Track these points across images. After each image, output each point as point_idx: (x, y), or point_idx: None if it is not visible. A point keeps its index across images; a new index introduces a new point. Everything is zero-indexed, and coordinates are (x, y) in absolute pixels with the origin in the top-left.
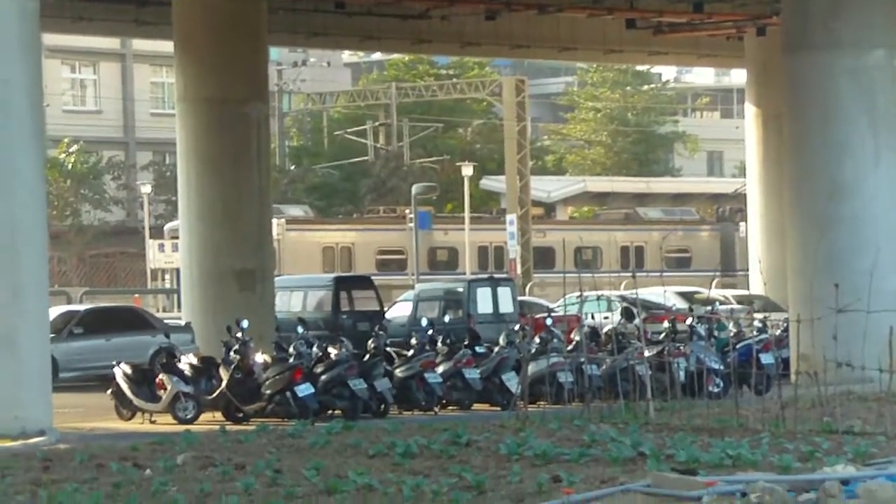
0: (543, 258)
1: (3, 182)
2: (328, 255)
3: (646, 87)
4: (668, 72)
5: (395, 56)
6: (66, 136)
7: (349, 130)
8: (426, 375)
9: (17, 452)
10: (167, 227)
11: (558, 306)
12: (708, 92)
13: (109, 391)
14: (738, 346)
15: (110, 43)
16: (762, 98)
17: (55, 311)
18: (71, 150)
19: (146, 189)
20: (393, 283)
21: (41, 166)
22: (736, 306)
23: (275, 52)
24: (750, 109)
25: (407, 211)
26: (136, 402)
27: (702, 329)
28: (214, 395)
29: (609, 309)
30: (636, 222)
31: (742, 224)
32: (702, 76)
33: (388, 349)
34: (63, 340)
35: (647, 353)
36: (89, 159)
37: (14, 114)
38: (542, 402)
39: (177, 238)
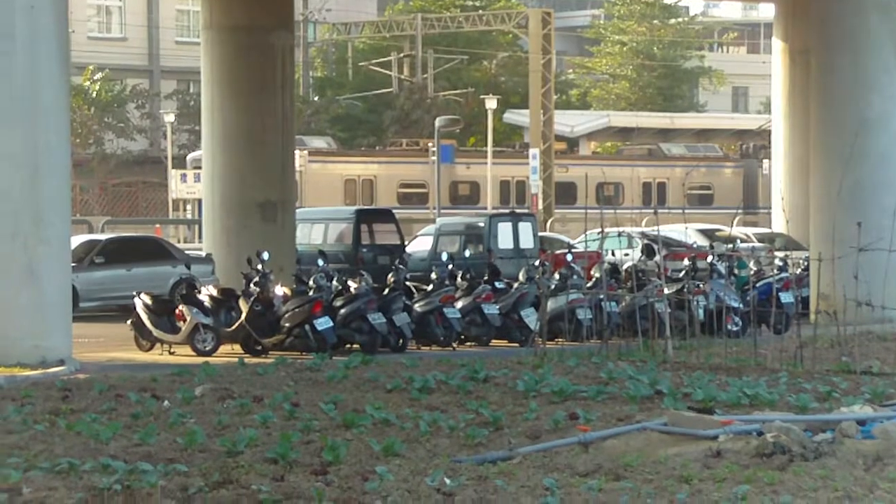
0: (565, 193)
1: (27, 108)
2: (350, 187)
3: (672, 21)
4: (695, 5)
5: None
6: (90, 64)
7: (373, 62)
8: (445, 310)
9: (37, 381)
10: (190, 156)
11: (579, 242)
12: (735, 27)
13: (129, 321)
14: (757, 285)
15: None
16: (790, 33)
17: (76, 241)
18: (95, 78)
19: (169, 118)
20: (414, 216)
21: (66, 93)
22: (757, 244)
23: None
24: (777, 44)
25: (430, 144)
26: (156, 332)
27: (722, 267)
28: (233, 327)
29: (630, 246)
30: (659, 158)
31: (766, 161)
32: (729, 10)
33: (407, 283)
34: (84, 270)
35: (666, 291)
36: (113, 87)
37: (40, 39)
38: (560, 339)
39: (199, 168)
